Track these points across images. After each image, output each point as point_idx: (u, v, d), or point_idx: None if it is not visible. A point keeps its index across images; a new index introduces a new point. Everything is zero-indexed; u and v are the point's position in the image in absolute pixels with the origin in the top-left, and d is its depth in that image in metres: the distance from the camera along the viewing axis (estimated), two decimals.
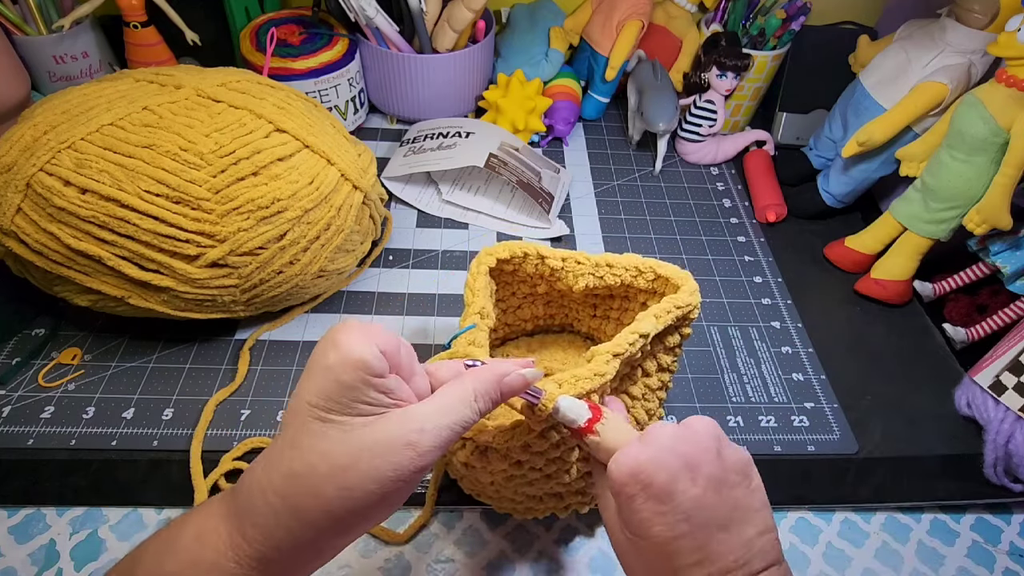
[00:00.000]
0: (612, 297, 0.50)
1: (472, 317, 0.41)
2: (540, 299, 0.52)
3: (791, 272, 0.66)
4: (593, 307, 0.52)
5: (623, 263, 0.46)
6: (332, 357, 0.27)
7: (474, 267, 0.44)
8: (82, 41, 0.68)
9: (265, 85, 0.53)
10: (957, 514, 0.51)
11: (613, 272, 0.46)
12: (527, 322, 0.54)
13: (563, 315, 0.54)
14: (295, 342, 0.56)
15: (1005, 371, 0.51)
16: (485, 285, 0.43)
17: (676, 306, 0.41)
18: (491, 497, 0.44)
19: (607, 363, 0.36)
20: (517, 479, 0.40)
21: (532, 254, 0.46)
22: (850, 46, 0.72)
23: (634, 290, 0.47)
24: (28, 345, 0.53)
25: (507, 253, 0.45)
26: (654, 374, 0.44)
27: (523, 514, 0.45)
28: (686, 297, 0.41)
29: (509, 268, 0.47)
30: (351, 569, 0.44)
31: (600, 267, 0.46)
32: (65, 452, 0.47)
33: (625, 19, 0.74)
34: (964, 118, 0.54)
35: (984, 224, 0.54)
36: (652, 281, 0.45)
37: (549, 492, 0.42)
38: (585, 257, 0.46)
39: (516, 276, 0.48)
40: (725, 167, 0.78)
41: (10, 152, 0.45)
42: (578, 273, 0.46)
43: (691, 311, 0.42)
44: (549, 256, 0.46)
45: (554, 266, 0.46)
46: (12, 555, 0.43)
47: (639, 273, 0.45)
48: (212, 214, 0.46)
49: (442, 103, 0.75)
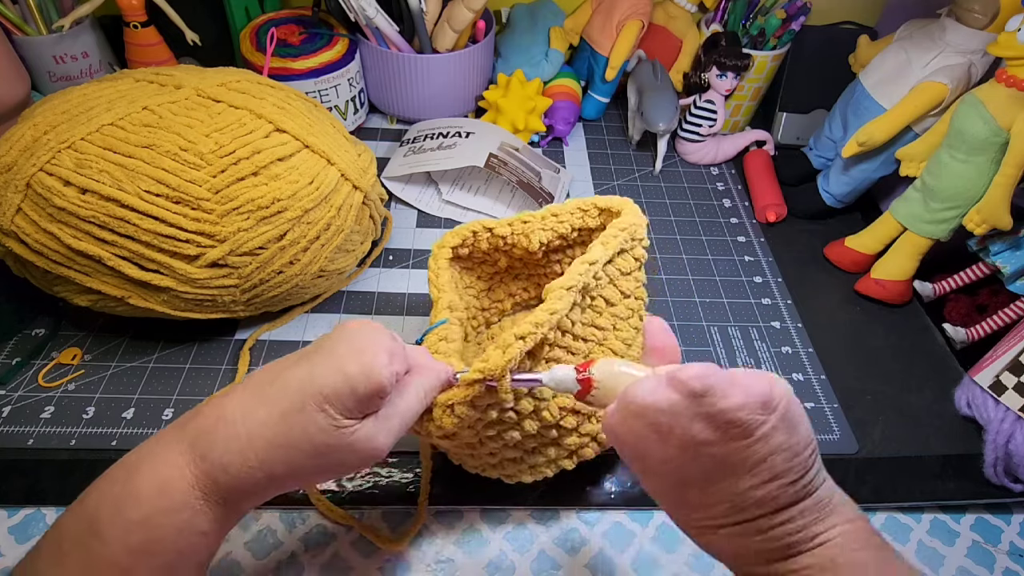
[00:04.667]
0: (571, 247, 0.50)
1: (442, 312, 0.42)
2: (507, 275, 0.53)
3: (791, 272, 0.66)
4: (558, 263, 0.52)
5: (567, 208, 0.47)
6: (354, 369, 0.30)
7: (432, 263, 0.45)
8: (82, 41, 0.68)
9: (265, 85, 0.53)
10: (957, 514, 0.51)
11: (559, 220, 0.47)
12: (503, 301, 0.55)
13: (535, 286, 0.55)
14: (295, 342, 0.56)
15: (1005, 371, 0.51)
16: (449, 279, 0.44)
17: (621, 228, 0.42)
18: (477, 465, 0.44)
19: (560, 299, 0.37)
20: (488, 442, 0.40)
21: (479, 230, 0.47)
22: (850, 46, 0.72)
23: (586, 231, 0.48)
24: (28, 345, 0.53)
25: (458, 239, 0.46)
26: (619, 302, 0.44)
27: (513, 476, 0.45)
28: (628, 218, 0.43)
29: (465, 252, 0.48)
30: (351, 569, 0.44)
31: (547, 219, 0.47)
32: (65, 452, 0.47)
33: (625, 19, 0.74)
34: (964, 118, 0.54)
35: (984, 224, 0.54)
36: (599, 216, 0.46)
37: (528, 450, 0.43)
38: (530, 215, 0.47)
39: (474, 258, 0.49)
40: (725, 167, 0.78)
41: (10, 152, 0.45)
42: (528, 232, 0.47)
43: (636, 230, 0.43)
44: (496, 226, 0.47)
45: (503, 233, 0.47)
46: (12, 555, 0.43)
47: (583, 213, 0.47)
48: (212, 214, 0.46)
49: (442, 103, 0.75)
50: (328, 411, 0.30)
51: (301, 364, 0.31)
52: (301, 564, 0.44)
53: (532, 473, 0.44)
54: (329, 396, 0.30)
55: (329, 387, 0.30)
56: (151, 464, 0.30)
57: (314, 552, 0.45)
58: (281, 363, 0.33)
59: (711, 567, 0.47)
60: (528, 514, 0.48)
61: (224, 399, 0.31)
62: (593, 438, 0.44)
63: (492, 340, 0.54)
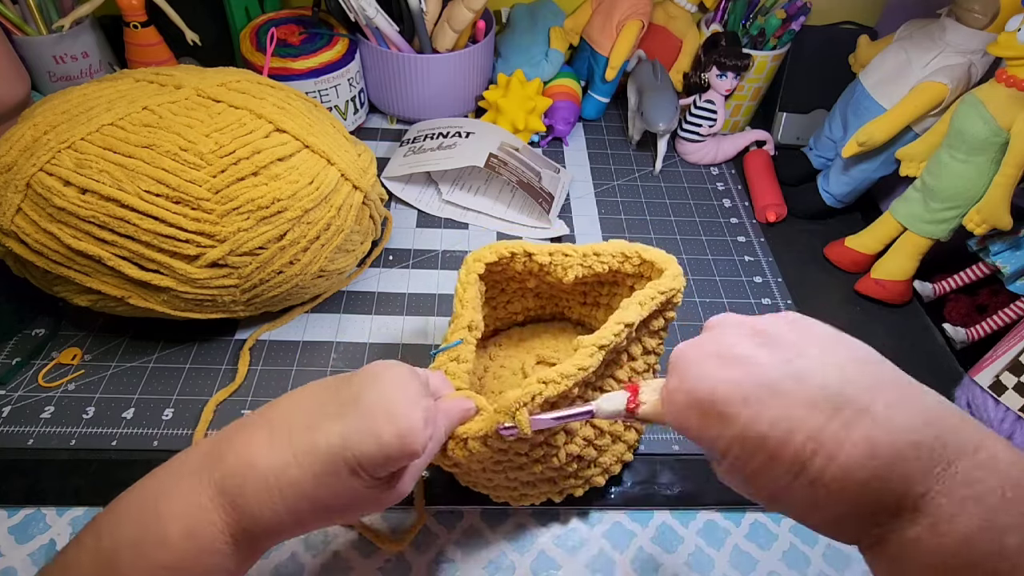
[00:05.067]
0: (601, 284, 0.50)
1: (460, 332, 0.41)
2: (530, 293, 0.53)
3: (791, 272, 0.66)
4: (583, 294, 0.52)
5: (609, 250, 0.46)
6: (389, 436, 0.30)
7: (463, 275, 0.44)
8: (82, 41, 0.68)
9: (265, 85, 0.53)
10: None
11: (600, 260, 0.46)
12: (518, 314, 0.55)
13: (553, 305, 0.55)
14: (295, 342, 0.56)
15: (1005, 371, 0.51)
16: (475, 295, 0.43)
17: (660, 291, 0.41)
18: (485, 486, 0.44)
19: (591, 356, 0.37)
20: (505, 464, 0.40)
21: (519, 253, 0.46)
22: (850, 46, 0.72)
23: (622, 275, 0.47)
24: (28, 345, 0.53)
25: (494, 256, 0.45)
26: (640, 357, 0.44)
27: (518, 501, 0.45)
28: (669, 282, 0.42)
29: (498, 268, 0.47)
30: (351, 569, 0.44)
31: (588, 257, 0.46)
32: (65, 452, 0.47)
33: (625, 19, 0.74)
34: (964, 118, 0.54)
35: (984, 224, 0.54)
36: (638, 266, 0.46)
37: (541, 477, 0.43)
38: (572, 249, 0.46)
39: (505, 274, 0.48)
40: (725, 167, 0.78)
41: (10, 152, 0.45)
42: (567, 265, 0.46)
43: (675, 295, 0.42)
44: (537, 253, 0.46)
45: (543, 262, 0.46)
46: (12, 555, 0.43)
47: (625, 259, 0.46)
48: (212, 214, 0.46)
49: (442, 103, 0.75)
50: (361, 475, 0.30)
51: (333, 422, 0.31)
52: (301, 564, 0.44)
53: (539, 496, 0.45)
54: (363, 463, 0.30)
55: (364, 455, 0.30)
56: (177, 506, 0.29)
57: (314, 552, 0.45)
58: (309, 398, 0.33)
59: (711, 567, 0.47)
60: (528, 514, 0.48)
61: (252, 444, 0.31)
62: (605, 469, 0.46)
63: (499, 348, 0.55)
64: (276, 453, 0.30)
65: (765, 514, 0.50)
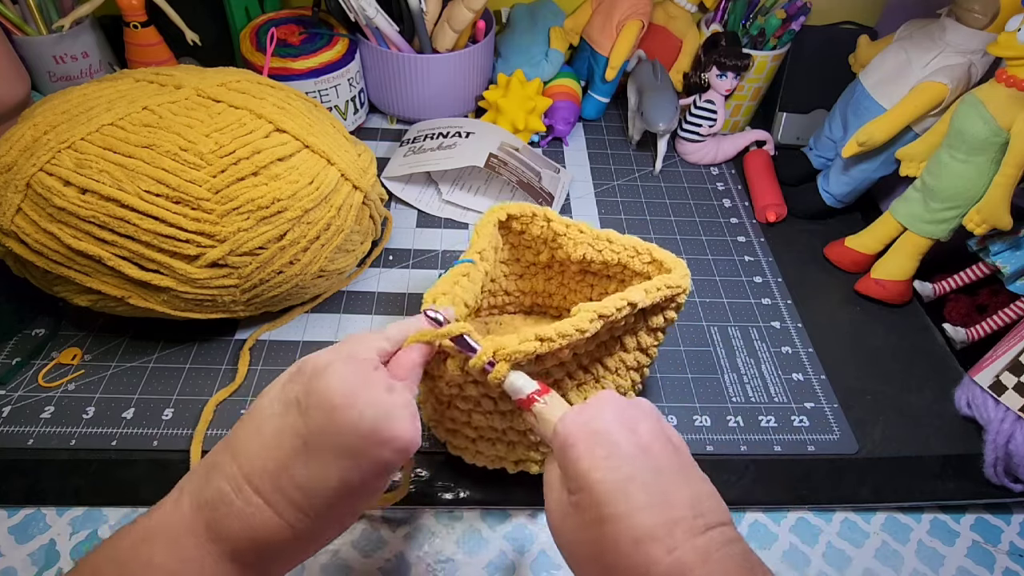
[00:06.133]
0: (609, 279, 0.51)
1: (472, 254, 0.44)
2: (541, 273, 0.54)
3: (791, 272, 0.66)
4: (591, 287, 0.53)
5: (623, 241, 0.48)
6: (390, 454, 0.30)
7: (486, 216, 0.47)
8: (82, 41, 0.68)
9: (265, 85, 0.53)
10: (957, 514, 0.51)
11: (612, 248, 0.48)
12: (525, 295, 0.56)
13: (560, 295, 0.55)
14: (295, 342, 0.56)
15: (1005, 371, 0.51)
16: (491, 232, 0.46)
17: (667, 285, 0.42)
18: (449, 427, 0.45)
19: (589, 320, 0.37)
20: (472, 408, 0.41)
21: (540, 215, 0.48)
22: (850, 46, 0.72)
23: (629, 272, 0.48)
24: (28, 345, 0.53)
25: (516, 210, 0.48)
26: (632, 351, 0.45)
27: (473, 457, 0.46)
28: (677, 279, 0.43)
29: (518, 228, 0.49)
30: (351, 569, 0.44)
31: (600, 240, 0.48)
32: (65, 452, 0.47)
33: (625, 19, 0.74)
34: (964, 118, 0.54)
35: (984, 224, 0.54)
36: (647, 264, 0.47)
37: (502, 438, 0.44)
38: (588, 228, 0.48)
39: (523, 239, 0.51)
40: (725, 167, 0.78)
41: (10, 152, 0.45)
42: (579, 241, 0.48)
43: (680, 294, 0.43)
44: (555, 220, 0.48)
45: (558, 230, 0.48)
46: (12, 555, 0.43)
47: (636, 254, 0.47)
48: (212, 214, 0.46)
49: (442, 103, 0.75)
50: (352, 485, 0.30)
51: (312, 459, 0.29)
52: (301, 564, 0.44)
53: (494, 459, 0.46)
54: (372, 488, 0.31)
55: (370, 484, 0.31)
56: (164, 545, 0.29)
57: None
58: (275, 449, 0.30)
59: None
60: (528, 514, 0.48)
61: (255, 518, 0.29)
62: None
63: (500, 326, 0.56)
64: (286, 521, 0.30)
65: (765, 514, 0.50)
